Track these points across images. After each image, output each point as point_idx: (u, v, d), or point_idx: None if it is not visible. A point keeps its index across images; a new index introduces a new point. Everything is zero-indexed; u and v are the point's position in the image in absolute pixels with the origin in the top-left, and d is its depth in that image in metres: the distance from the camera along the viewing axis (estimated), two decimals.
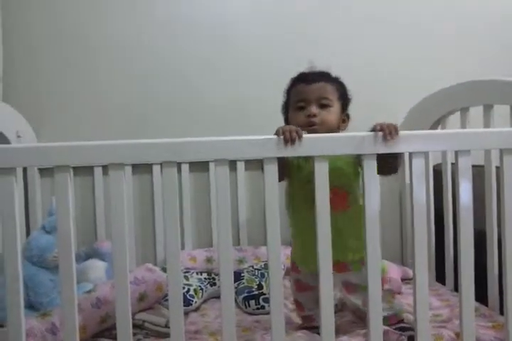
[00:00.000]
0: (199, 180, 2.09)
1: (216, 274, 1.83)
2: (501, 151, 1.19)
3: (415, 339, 1.16)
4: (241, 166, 2.07)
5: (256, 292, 1.68)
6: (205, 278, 1.81)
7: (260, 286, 1.71)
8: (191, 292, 1.69)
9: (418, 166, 1.16)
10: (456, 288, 1.63)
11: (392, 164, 1.22)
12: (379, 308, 1.14)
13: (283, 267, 1.50)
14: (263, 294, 1.66)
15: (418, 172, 1.16)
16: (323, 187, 1.12)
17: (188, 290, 1.69)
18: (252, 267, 1.86)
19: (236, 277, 1.72)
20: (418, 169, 1.16)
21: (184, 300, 1.21)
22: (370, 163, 1.13)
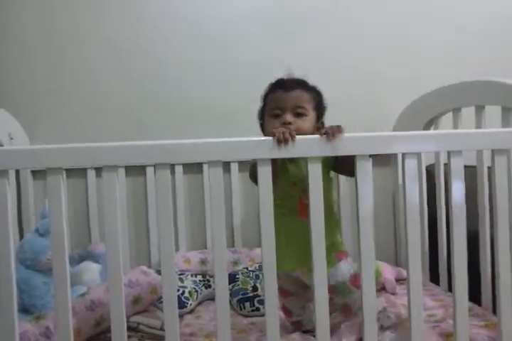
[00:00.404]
0: (193, 182, 2.08)
1: (211, 276, 1.83)
2: (493, 152, 1.20)
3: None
4: (235, 167, 2.06)
5: (251, 294, 1.68)
6: (199, 280, 1.81)
7: (255, 288, 1.71)
8: (186, 294, 1.69)
9: (411, 167, 1.17)
10: (450, 288, 1.64)
11: (350, 166, 1.19)
12: (373, 309, 1.15)
13: None
14: (258, 296, 1.66)
15: (411, 172, 1.17)
16: (316, 188, 1.12)
17: (183, 292, 1.69)
18: (247, 269, 1.86)
19: (231, 279, 1.72)
20: (411, 170, 1.17)
21: (179, 302, 1.20)
22: (363, 164, 1.14)
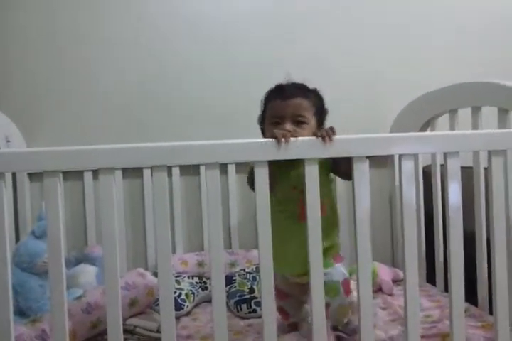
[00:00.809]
0: (190, 184, 2.08)
1: (208, 278, 1.82)
2: (489, 153, 1.21)
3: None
4: (232, 169, 2.06)
5: (248, 296, 1.68)
6: (196, 282, 1.81)
7: (252, 290, 1.70)
8: (183, 296, 1.69)
9: (408, 168, 1.17)
10: (446, 289, 1.64)
11: (346, 168, 1.19)
12: (370, 311, 1.15)
13: None
14: (255, 298, 1.65)
15: (408, 173, 1.17)
16: (312, 189, 1.12)
17: (180, 294, 1.68)
18: (244, 270, 1.86)
19: (228, 281, 1.72)
20: (408, 171, 1.17)
21: (175, 304, 1.20)
22: (360, 166, 1.14)
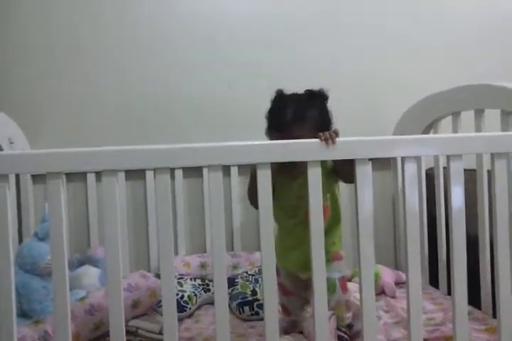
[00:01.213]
0: (192, 186, 2.08)
1: (210, 280, 1.82)
2: (492, 155, 1.20)
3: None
4: (234, 171, 2.06)
5: (250, 298, 1.67)
6: (199, 284, 1.81)
7: (254, 292, 1.70)
8: (185, 298, 1.69)
9: (410, 170, 1.17)
10: (449, 292, 1.63)
11: (350, 171, 1.19)
12: (373, 313, 1.15)
13: None
14: (257, 300, 1.65)
15: (410, 176, 1.17)
16: (315, 192, 1.12)
17: (182, 296, 1.68)
18: (246, 273, 1.86)
19: (230, 283, 1.72)
20: (410, 173, 1.17)
21: (178, 306, 1.20)
22: (363, 168, 1.14)
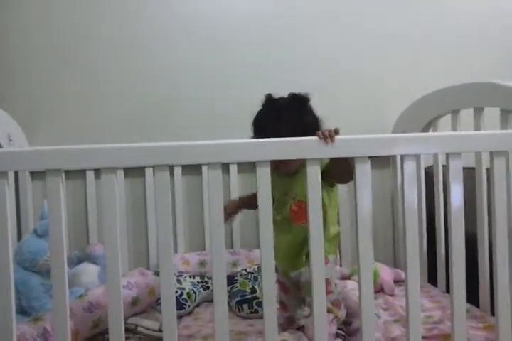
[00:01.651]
0: (192, 183, 2.08)
1: (209, 278, 1.82)
2: (491, 153, 1.20)
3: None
4: (234, 169, 2.06)
5: (249, 296, 1.68)
6: (198, 282, 1.81)
7: (253, 290, 1.70)
8: (184, 296, 1.69)
9: (410, 168, 1.17)
10: (448, 290, 1.64)
11: (345, 169, 1.19)
12: (371, 311, 1.15)
13: None
14: (256, 298, 1.65)
15: (410, 174, 1.17)
16: (314, 191, 1.13)
17: (181, 293, 1.69)
18: (246, 270, 1.86)
19: (229, 280, 1.71)
20: (410, 171, 1.17)
21: (177, 304, 1.20)
22: (362, 166, 1.14)
